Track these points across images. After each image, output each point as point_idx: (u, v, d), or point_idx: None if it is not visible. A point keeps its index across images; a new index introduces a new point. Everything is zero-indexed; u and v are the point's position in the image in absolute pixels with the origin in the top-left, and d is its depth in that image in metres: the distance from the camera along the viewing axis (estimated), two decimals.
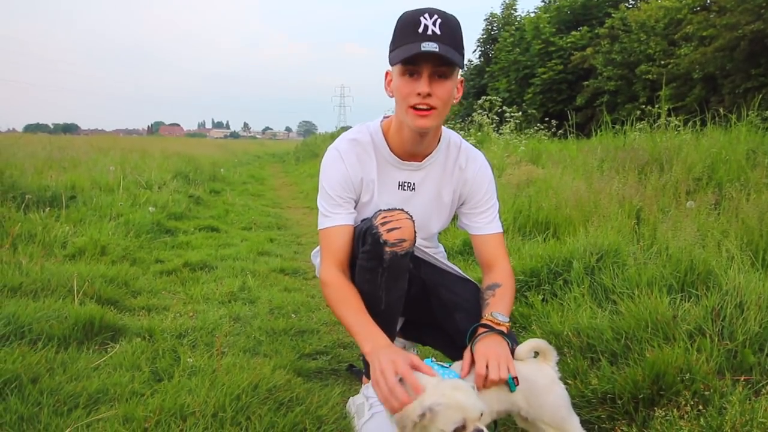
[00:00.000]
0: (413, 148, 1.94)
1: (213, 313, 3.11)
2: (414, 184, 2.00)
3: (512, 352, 1.70)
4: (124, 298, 3.34)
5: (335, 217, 1.92)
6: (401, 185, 2.00)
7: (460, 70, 1.81)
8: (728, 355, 2.16)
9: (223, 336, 2.76)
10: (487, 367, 1.61)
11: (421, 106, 1.76)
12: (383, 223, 1.78)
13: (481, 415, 1.40)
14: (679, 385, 1.98)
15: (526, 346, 1.71)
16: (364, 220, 1.92)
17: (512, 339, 1.77)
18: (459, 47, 1.76)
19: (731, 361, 2.15)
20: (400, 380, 1.52)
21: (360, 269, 1.86)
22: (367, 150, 1.97)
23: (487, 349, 1.66)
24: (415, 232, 1.83)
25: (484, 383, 1.60)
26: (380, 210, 1.85)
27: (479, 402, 1.42)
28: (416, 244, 1.94)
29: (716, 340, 2.20)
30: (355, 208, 1.98)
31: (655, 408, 1.94)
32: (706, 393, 1.95)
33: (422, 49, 1.67)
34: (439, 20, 1.72)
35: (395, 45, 1.77)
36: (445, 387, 1.45)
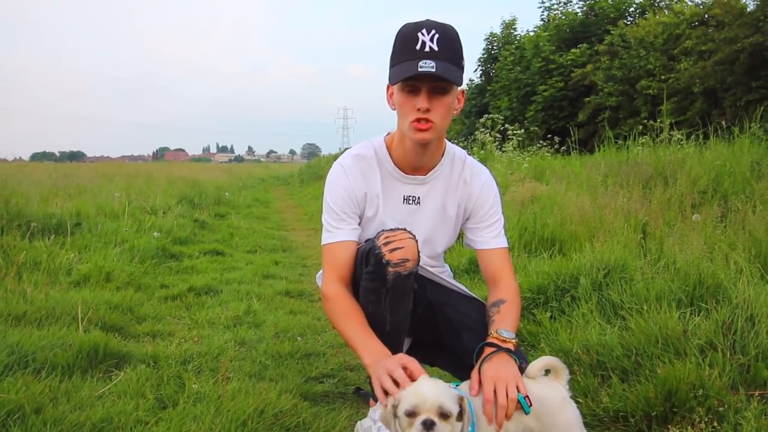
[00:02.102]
0: (416, 161, 1.95)
1: (218, 338, 3.09)
2: (419, 198, 2.00)
3: (522, 369, 1.67)
4: (128, 324, 3.32)
5: (338, 232, 1.93)
6: (406, 199, 2.00)
7: (462, 79, 1.82)
8: (741, 369, 2.13)
9: (228, 361, 2.73)
10: (495, 392, 1.57)
11: (420, 120, 1.77)
12: (386, 243, 1.78)
13: (442, 412, 1.43)
14: (693, 402, 1.95)
15: (538, 364, 1.68)
16: (367, 240, 1.91)
17: (520, 356, 1.74)
18: (458, 61, 1.77)
19: (744, 375, 2.12)
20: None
21: (364, 290, 1.85)
22: (371, 165, 1.97)
23: (496, 371, 1.62)
24: (418, 251, 1.81)
25: (498, 413, 1.55)
26: (383, 230, 1.85)
27: (446, 400, 1.45)
28: (422, 263, 1.93)
29: (728, 354, 2.17)
30: (359, 223, 1.98)
31: (669, 426, 1.91)
32: (721, 409, 1.91)
33: (420, 69, 1.69)
34: (437, 35, 1.73)
35: (394, 62, 1.79)
36: (422, 381, 1.53)
